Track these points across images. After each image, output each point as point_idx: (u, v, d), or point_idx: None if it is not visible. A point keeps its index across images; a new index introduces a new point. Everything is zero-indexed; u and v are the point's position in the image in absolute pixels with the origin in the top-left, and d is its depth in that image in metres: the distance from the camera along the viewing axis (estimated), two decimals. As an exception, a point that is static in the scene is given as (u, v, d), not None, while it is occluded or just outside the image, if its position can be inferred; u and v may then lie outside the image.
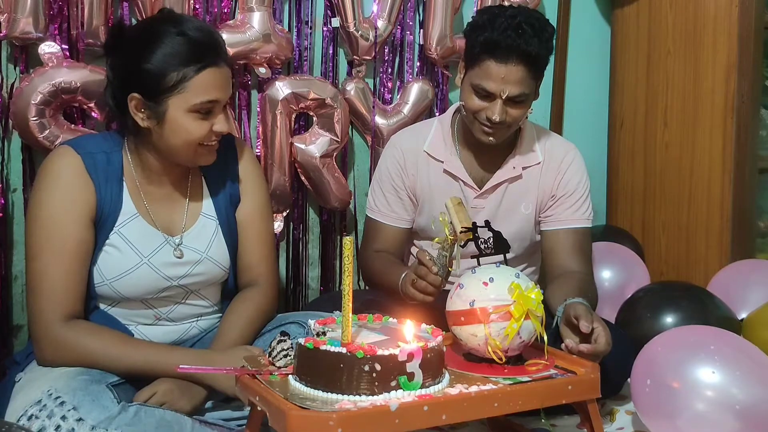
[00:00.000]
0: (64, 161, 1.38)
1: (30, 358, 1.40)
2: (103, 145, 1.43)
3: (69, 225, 1.35)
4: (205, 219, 1.51)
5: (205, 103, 1.36)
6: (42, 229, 1.35)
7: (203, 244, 1.49)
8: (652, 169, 2.53)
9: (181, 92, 1.34)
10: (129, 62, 1.36)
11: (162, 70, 1.33)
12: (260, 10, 1.97)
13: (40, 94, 1.73)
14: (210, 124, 1.38)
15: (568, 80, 2.59)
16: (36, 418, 1.20)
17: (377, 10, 2.14)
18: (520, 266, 1.87)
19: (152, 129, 1.38)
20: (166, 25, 1.37)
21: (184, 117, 1.36)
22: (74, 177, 1.37)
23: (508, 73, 1.58)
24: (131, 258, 1.41)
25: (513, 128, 1.70)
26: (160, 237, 1.45)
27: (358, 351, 1.09)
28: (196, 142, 1.39)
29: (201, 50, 1.35)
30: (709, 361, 1.43)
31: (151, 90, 1.34)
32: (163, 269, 1.44)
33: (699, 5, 2.36)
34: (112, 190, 1.40)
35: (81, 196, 1.37)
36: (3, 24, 1.74)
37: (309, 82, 2.05)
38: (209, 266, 1.49)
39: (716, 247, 2.34)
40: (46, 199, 1.36)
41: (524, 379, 1.23)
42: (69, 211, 1.35)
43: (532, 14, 1.64)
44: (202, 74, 1.35)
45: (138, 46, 1.36)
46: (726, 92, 2.30)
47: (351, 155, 2.23)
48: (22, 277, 1.86)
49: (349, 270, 1.14)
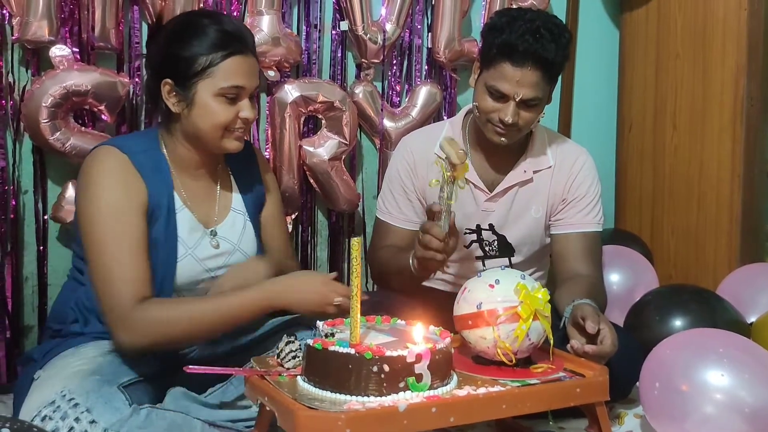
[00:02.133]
0: (113, 159, 1.42)
1: (48, 356, 1.41)
2: (142, 144, 1.48)
3: (131, 215, 1.40)
4: (235, 213, 1.57)
5: (231, 87, 1.42)
6: (105, 223, 1.38)
7: (235, 237, 1.55)
8: (660, 173, 2.52)
9: (209, 76, 1.41)
10: (162, 49, 1.44)
11: (192, 56, 1.41)
12: (269, 14, 1.98)
13: (51, 97, 1.74)
14: (236, 110, 1.44)
15: (576, 84, 2.59)
16: (50, 420, 1.21)
17: (386, 14, 2.15)
18: (528, 270, 1.87)
19: (182, 114, 1.44)
20: (200, 17, 1.47)
21: (211, 100, 1.42)
22: (126, 173, 1.41)
23: (523, 77, 1.58)
24: (178, 250, 1.46)
25: (524, 131, 1.70)
26: (200, 229, 1.50)
27: (366, 352, 1.09)
28: (222, 126, 1.44)
29: (229, 38, 1.42)
30: (718, 364, 1.42)
31: (181, 75, 1.42)
32: (204, 261, 1.49)
33: (708, 8, 2.36)
34: (161, 185, 1.45)
35: (135, 190, 1.41)
36: (15, 27, 1.76)
37: (318, 85, 2.06)
38: (241, 258, 1.55)
39: (725, 250, 2.33)
40: (103, 194, 1.39)
41: (532, 381, 1.23)
42: (128, 203, 1.40)
43: (551, 19, 1.64)
44: (229, 60, 1.42)
45: (171, 34, 1.44)
46: (735, 95, 2.30)
47: (359, 158, 2.24)
48: (32, 279, 1.87)
49: (358, 271, 1.15)
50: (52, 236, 1.89)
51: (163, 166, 1.48)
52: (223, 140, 1.46)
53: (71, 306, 1.47)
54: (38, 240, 1.86)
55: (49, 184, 1.87)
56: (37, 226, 1.86)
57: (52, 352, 1.41)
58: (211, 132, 1.44)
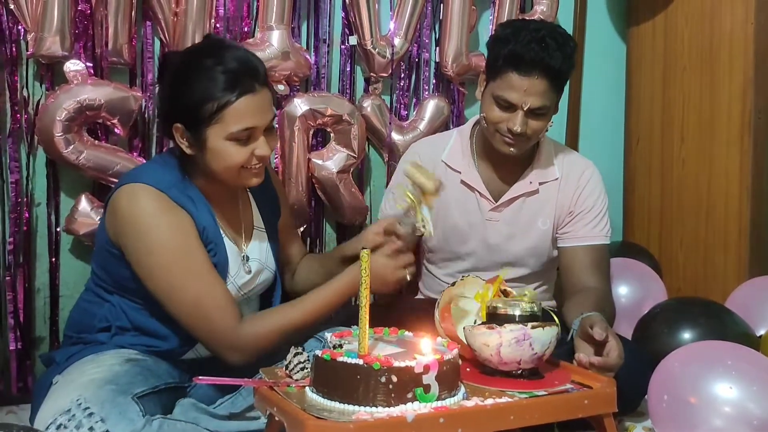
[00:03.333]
0: (153, 198, 1.39)
1: (70, 361, 1.43)
2: (169, 178, 1.44)
3: (196, 246, 1.41)
4: (258, 232, 1.60)
5: (242, 131, 1.38)
6: (176, 264, 1.38)
7: (262, 255, 1.58)
8: (669, 185, 2.52)
9: (218, 122, 1.37)
10: (170, 94, 1.42)
11: (198, 103, 1.36)
12: (279, 29, 2.01)
13: (65, 111, 1.77)
14: (251, 150, 1.41)
15: (584, 97, 2.60)
16: (64, 428, 1.23)
17: (394, 28, 2.17)
18: (534, 283, 1.87)
19: (197, 155, 1.43)
20: (204, 57, 1.39)
21: (223, 145, 1.39)
22: (171, 209, 1.40)
23: (530, 86, 1.60)
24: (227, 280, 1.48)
25: (533, 140, 1.71)
26: (238, 255, 1.52)
27: (374, 363, 1.10)
28: (237, 167, 1.42)
29: (236, 79, 1.37)
30: (727, 376, 1.42)
31: (190, 121, 1.39)
32: (241, 287, 1.52)
33: (715, 22, 2.36)
34: (205, 216, 1.45)
35: (187, 223, 1.41)
36: (30, 43, 1.79)
37: (326, 99, 2.08)
38: (268, 275, 1.60)
39: (734, 263, 2.33)
40: (162, 235, 1.38)
41: (540, 392, 1.23)
42: (187, 236, 1.40)
43: (556, 29, 1.66)
44: (237, 103, 1.37)
45: (177, 79, 1.40)
46: (743, 108, 2.30)
47: (367, 171, 2.25)
48: (44, 290, 1.89)
49: (367, 282, 1.15)
50: (65, 248, 1.91)
51: (198, 197, 1.46)
52: (241, 178, 1.44)
53: (97, 320, 1.48)
54: (51, 252, 1.88)
55: (62, 197, 1.89)
56: (50, 238, 1.88)
57: (73, 357, 1.43)
58: (227, 173, 1.42)
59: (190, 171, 1.48)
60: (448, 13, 2.23)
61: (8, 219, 1.83)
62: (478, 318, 1.41)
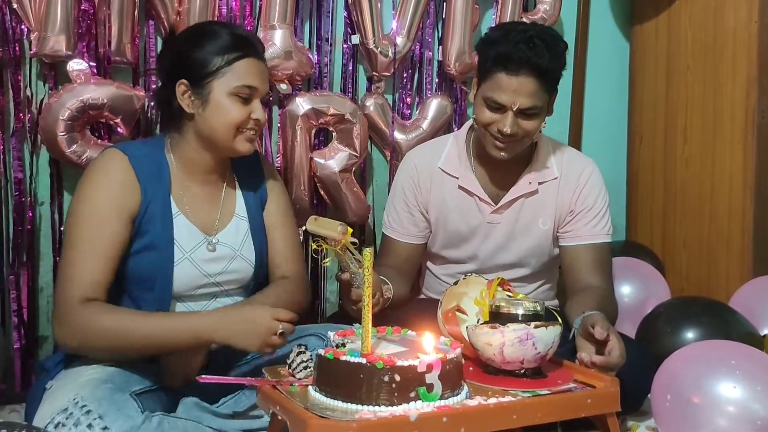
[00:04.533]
0: (113, 162, 1.46)
1: (60, 366, 1.43)
2: (147, 149, 1.52)
3: (109, 221, 1.43)
4: (239, 219, 1.59)
5: (244, 87, 1.47)
6: (83, 223, 1.42)
7: (237, 243, 1.57)
8: (672, 185, 2.52)
9: (223, 76, 1.46)
10: (177, 53, 1.50)
11: (207, 57, 1.47)
12: (282, 28, 2.01)
13: (68, 110, 1.77)
14: (249, 111, 1.49)
15: (587, 96, 2.59)
16: (63, 426, 1.23)
17: (396, 27, 2.17)
18: (536, 282, 1.87)
19: (196, 114, 1.48)
20: (213, 24, 1.59)
21: (225, 99, 1.47)
22: (121, 176, 1.45)
23: (519, 85, 1.59)
24: (174, 253, 1.48)
25: (525, 143, 1.70)
26: (199, 235, 1.52)
27: (377, 362, 1.10)
28: (235, 125, 1.48)
29: (242, 41, 1.49)
30: (731, 376, 1.41)
31: (196, 75, 1.47)
32: (202, 265, 1.51)
33: (718, 21, 2.36)
34: (158, 190, 1.48)
35: (125, 194, 1.45)
36: (33, 42, 1.79)
37: (329, 98, 2.08)
38: (242, 264, 1.57)
39: (737, 262, 2.32)
40: (91, 195, 1.44)
41: (543, 392, 1.23)
42: (112, 208, 1.43)
43: (546, 30, 1.66)
44: (243, 62, 1.47)
45: (186, 39, 1.51)
46: (746, 107, 2.29)
47: (370, 170, 2.25)
48: (47, 289, 1.90)
49: (369, 281, 1.15)
50: (68, 247, 1.92)
51: (164, 171, 1.51)
52: (236, 141, 1.50)
53: None
54: (54, 251, 1.89)
55: (65, 196, 1.89)
56: (53, 237, 1.89)
57: (63, 362, 1.43)
58: (225, 131, 1.48)
59: (178, 143, 1.52)
60: (451, 12, 2.23)
61: (12, 218, 1.84)
62: (480, 318, 1.41)
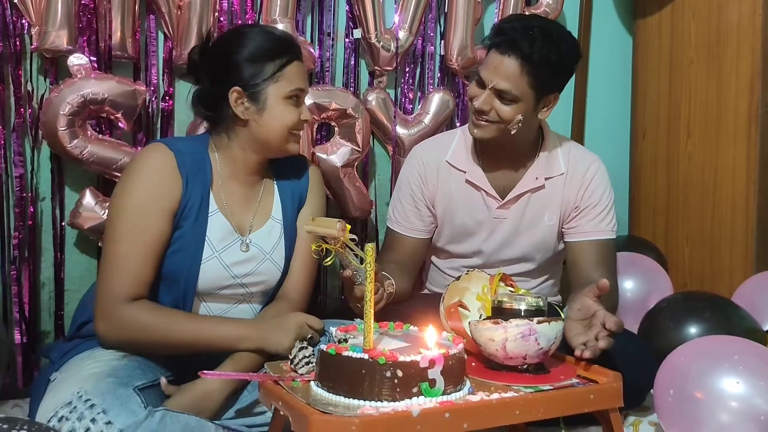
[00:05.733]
0: (157, 156, 1.47)
1: (65, 357, 1.43)
2: (191, 146, 1.53)
3: (153, 216, 1.44)
4: (273, 222, 1.59)
5: (296, 90, 1.51)
6: (128, 218, 1.43)
7: (269, 245, 1.57)
8: (675, 179, 2.51)
9: (278, 80, 1.49)
10: (225, 60, 1.50)
11: (259, 62, 1.48)
12: (283, 22, 2.00)
13: (69, 105, 1.77)
14: (299, 112, 1.53)
15: (589, 90, 2.59)
16: (66, 420, 1.23)
17: (399, 22, 2.17)
18: (541, 277, 1.87)
19: (251, 119, 1.50)
20: (248, 27, 1.59)
21: (281, 103, 1.50)
22: (164, 171, 1.46)
23: (500, 64, 1.60)
24: (204, 251, 1.48)
25: (501, 129, 1.66)
26: (233, 234, 1.53)
27: (380, 357, 1.09)
28: (289, 128, 1.51)
29: (288, 45, 1.52)
30: (733, 371, 1.41)
31: (250, 80, 1.48)
32: (231, 266, 1.52)
33: (722, 15, 2.35)
34: (199, 186, 1.49)
35: (168, 189, 1.45)
36: (34, 37, 1.79)
37: (331, 93, 2.08)
38: (270, 267, 1.57)
39: (740, 257, 2.32)
40: (135, 189, 1.44)
41: (546, 387, 1.23)
42: (155, 202, 1.44)
43: (552, 24, 1.65)
44: (292, 65, 1.51)
45: (230, 45, 1.51)
46: (750, 102, 2.29)
47: (372, 165, 2.25)
48: (49, 284, 1.90)
49: (372, 276, 1.15)
50: (70, 243, 1.91)
51: (207, 168, 1.51)
52: (287, 142, 1.53)
53: None
54: (55, 246, 1.89)
55: (66, 191, 1.89)
56: (55, 233, 1.89)
57: (69, 354, 1.44)
58: (280, 134, 1.51)
59: (225, 143, 1.53)
60: (453, 6, 2.22)
61: (13, 214, 1.83)
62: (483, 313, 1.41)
